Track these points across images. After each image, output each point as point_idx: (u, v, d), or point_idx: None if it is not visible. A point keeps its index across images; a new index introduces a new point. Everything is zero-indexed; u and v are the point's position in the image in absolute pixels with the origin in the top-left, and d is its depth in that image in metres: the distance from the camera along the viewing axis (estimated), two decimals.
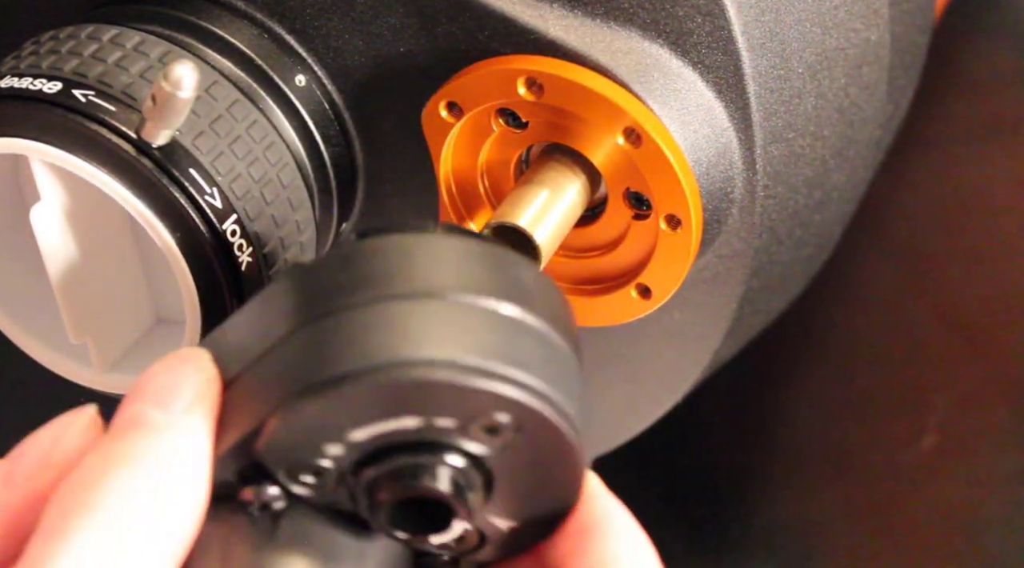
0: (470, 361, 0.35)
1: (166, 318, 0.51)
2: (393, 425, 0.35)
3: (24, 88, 0.46)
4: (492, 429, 0.35)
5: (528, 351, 0.36)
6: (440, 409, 0.35)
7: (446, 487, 0.35)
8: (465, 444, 0.35)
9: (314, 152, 0.50)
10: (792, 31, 0.49)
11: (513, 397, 0.35)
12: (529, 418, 0.35)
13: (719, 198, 0.48)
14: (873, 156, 0.57)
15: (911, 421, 0.67)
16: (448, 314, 0.35)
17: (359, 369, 0.35)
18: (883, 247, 0.71)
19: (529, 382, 0.35)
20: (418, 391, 0.35)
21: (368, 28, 0.49)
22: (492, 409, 0.35)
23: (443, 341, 0.35)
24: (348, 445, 0.35)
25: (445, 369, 0.35)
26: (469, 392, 0.35)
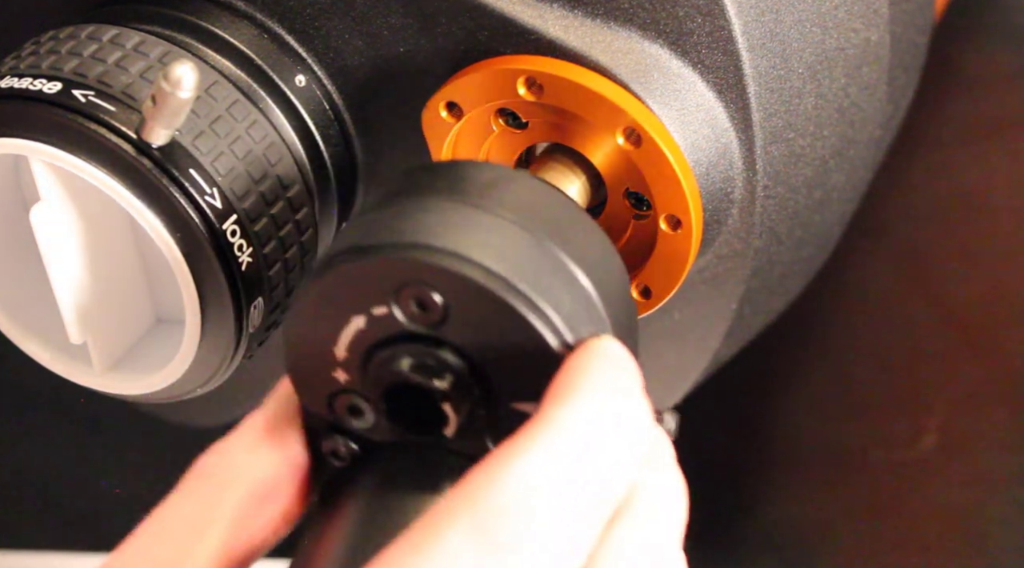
0: (374, 240, 0.37)
1: (166, 318, 0.51)
2: (358, 322, 0.37)
3: (24, 88, 0.46)
4: (422, 302, 0.37)
5: (485, 239, 0.37)
6: (374, 294, 0.37)
7: (408, 370, 0.37)
8: (419, 329, 0.37)
9: (314, 152, 0.50)
10: (792, 31, 0.49)
11: (417, 259, 0.36)
12: (447, 282, 0.36)
13: (719, 198, 0.48)
14: (873, 156, 0.57)
15: (911, 421, 0.67)
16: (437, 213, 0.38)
17: (318, 266, 0.38)
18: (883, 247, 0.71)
19: (440, 245, 0.36)
20: (354, 278, 0.37)
21: (368, 28, 0.49)
22: (409, 279, 0.37)
23: (393, 231, 0.37)
24: (345, 355, 0.38)
25: (355, 253, 0.37)
26: (382, 266, 0.37)
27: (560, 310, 0.37)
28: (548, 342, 0.37)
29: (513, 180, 0.39)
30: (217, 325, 0.47)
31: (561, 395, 0.35)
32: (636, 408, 0.36)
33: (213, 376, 0.49)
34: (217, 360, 0.48)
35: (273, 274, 0.48)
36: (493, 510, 0.33)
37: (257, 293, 0.47)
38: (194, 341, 0.47)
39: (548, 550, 0.33)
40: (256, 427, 0.39)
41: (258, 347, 0.49)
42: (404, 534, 0.34)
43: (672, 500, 0.37)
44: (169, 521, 0.37)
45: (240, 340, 0.48)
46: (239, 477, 0.38)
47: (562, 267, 0.38)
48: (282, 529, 0.39)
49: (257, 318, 0.48)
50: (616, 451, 0.35)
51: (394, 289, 0.37)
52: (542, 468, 0.34)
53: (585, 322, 0.37)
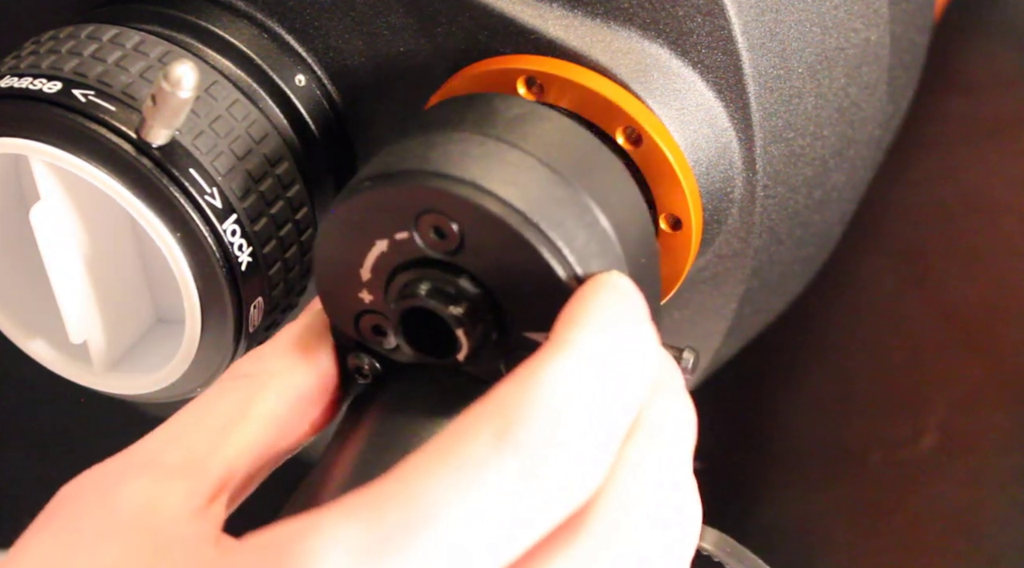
0: (398, 167, 0.38)
1: (166, 318, 0.51)
2: (381, 246, 0.38)
3: (24, 88, 0.46)
4: (439, 230, 0.38)
5: (504, 173, 0.38)
6: (396, 219, 0.38)
7: (424, 295, 0.38)
8: (436, 255, 0.38)
9: (314, 152, 0.50)
10: (792, 31, 0.49)
11: (435, 187, 0.37)
12: (464, 211, 0.37)
13: (719, 198, 0.48)
14: (873, 156, 0.57)
15: (911, 421, 0.67)
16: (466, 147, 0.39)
17: (346, 190, 0.39)
18: (883, 247, 0.71)
19: (459, 175, 0.38)
20: (377, 202, 0.38)
21: (368, 28, 0.49)
22: (429, 206, 0.38)
23: (419, 159, 0.38)
24: (370, 276, 0.39)
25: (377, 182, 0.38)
26: (403, 192, 0.38)
27: (573, 245, 0.38)
28: (558, 274, 0.37)
29: (541, 117, 0.40)
30: (217, 325, 0.47)
31: (572, 321, 0.36)
32: (643, 333, 0.37)
33: (213, 376, 0.49)
34: (217, 360, 0.48)
35: (273, 274, 0.48)
36: (519, 419, 0.34)
37: (257, 293, 0.47)
38: (194, 341, 0.47)
39: (572, 456, 0.34)
40: (291, 337, 0.41)
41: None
42: (430, 442, 0.35)
43: (683, 420, 0.38)
44: (204, 413, 0.39)
45: (240, 340, 0.48)
46: (273, 380, 0.40)
47: (580, 203, 0.38)
48: (309, 436, 0.40)
49: (257, 318, 0.48)
50: (628, 369, 0.36)
51: (414, 215, 0.38)
52: (562, 382, 0.35)
53: (598, 258, 0.38)
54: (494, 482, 0.34)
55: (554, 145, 0.40)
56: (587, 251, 0.38)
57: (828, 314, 0.70)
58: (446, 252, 0.38)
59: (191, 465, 0.37)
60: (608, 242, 0.38)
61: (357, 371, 0.41)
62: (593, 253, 0.38)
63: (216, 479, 0.38)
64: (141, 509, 0.36)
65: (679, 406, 0.38)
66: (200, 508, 0.37)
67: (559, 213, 0.38)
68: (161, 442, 0.38)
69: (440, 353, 0.39)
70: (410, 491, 0.33)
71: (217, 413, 0.39)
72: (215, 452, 0.38)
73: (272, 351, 0.40)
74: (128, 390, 0.50)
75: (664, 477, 0.37)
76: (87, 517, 0.36)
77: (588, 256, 0.38)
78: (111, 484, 0.37)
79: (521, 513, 0.34)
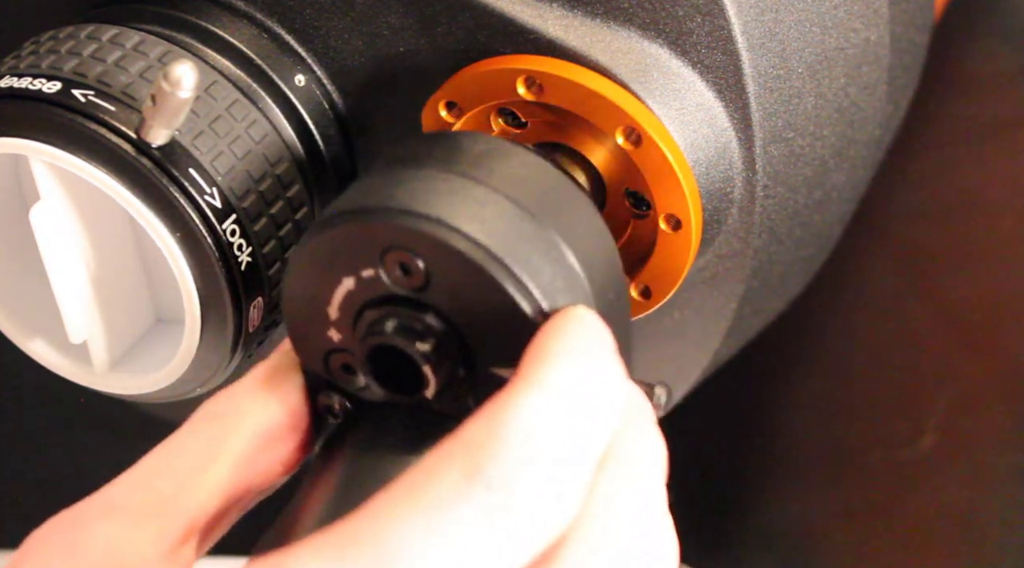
0: (363, 204, 0.38)
1: (166, 318, 0.51)
2: (348, 283, 0.38)
3: (24, 88, 0.46)
4: (405, 266, 0.38)
5: (467, 209, 0.38)
6: (362, 256, 0.38)
7: (390, 332, 0.38)
8: (402, 292, 0.38)
9: (314, 152, 0.50)
10: (792, 31, 0.49)
11: (401, 224, 0.37)
12: (429, 248, 0.37)
13: (719, 198, 0.48)
14: (873, 156, 0.57)
15: (911, 421, 0.67)
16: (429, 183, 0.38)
17: (312, 228, 0.39)
18: (883, 247, 0.71)
19: (424, 212, 0.37)
20: (343, 240, 0.38)
21: (368, 28, 0.49)
22: (394, 243, 0.37)
23: (381, 195, 0.38)
24: (338, 315, 0.39)
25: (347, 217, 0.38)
26: (368, 230, 0.38)
27: (539, 280, 0.38)
28: (524, 310, 0.37)
29: (506, 153, 0.40)
30: (217, 325, 0.47)
31: (538, 355, 0.36)
32: (610, 366, 0.37)
33: (213, 376, 0.49)
34: (217, 360, 0.48)
35: (272, 273, 0.48)
36: (487, 456, 0.34)
37: (257, 293, 0.47)
38: (194, 341, 0.47)
39: (543, 492, 0.34)
40: (260, 376, 0.40)
41: (258, 347, 0.49)
42: (398, 480, 0.34)
43: (654, 453, 0.38)
44: (173, 456, 0.38)
45: (240, 340, 0.48)
46: (244, 420, 0.39)
47: (546, 239, 0.38)
48: (281, 476, 0.40)
49: (257, 318, 0.48)
50: (595, 402, 0.36)
51: (380, 253, 0.38)
52: (529, 417, 0.35)
53: (564, 293, 0.38)
54: (464, 521, 0.33)
55: (520, 181, 0.39)
56: (553, 287, 0.38)
57: (828, 314, 0.70)
58: (412, 289, 0.38)
59: (160, 508, 0.37)
60: (575, 278, 0.38)
61: (328, 410, 0.41)
62: (560, 289, 0.38)
63: (185, 522, 0.37)
64: (110, 553, 0.36)
65: (649, 439, 0.38)
66: (169, 551, 0.37)
67: (525, 249, 0.38)
68: (130, 485, 0.38)
69: (408, 390, 0.39)
70: (379, 530, 0.33)
71: (186, 455, 0.38)
72: (184, 494, 0.38)
73: (243, 391, 0.40)
74: (128, 390, 0.50)
75: (637, 510, 0.37)
76: (56, 562, 0.36)
77: (554, 292, 0.38)
78: (80, 528, 0.37)
79: (491, 551, 0.34)
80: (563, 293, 0.38)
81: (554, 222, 0.39)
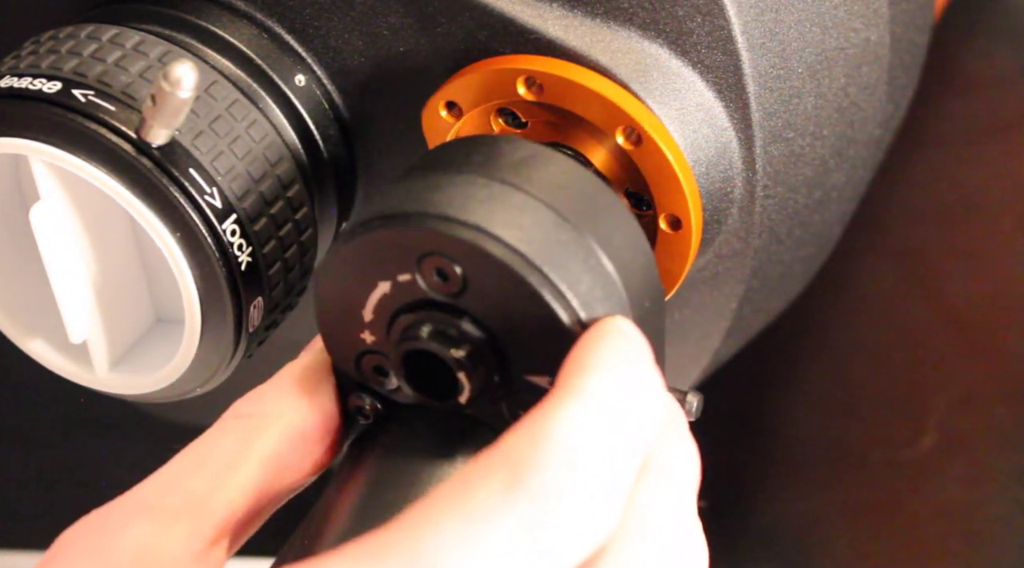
0: (402, 209, 0.38)
1: (166, 318, 0.51)
2: (384, 287, 0.38)
3: (24, 88, 0.46)
4: (442, 272, 0.38)
5: (507, 215, 0.38)
6: (399, 261, 0.38)
7: (426, 337, 0.38)
8: (439, 297, 0.38)
9: (314, 152, 0.50)
10: (792, 31, 0.49)
11: (439, 231, 0.37)
12: (467, 254, 0.37)
13: (719, 198, 0.48)
14: (873, 156, 0.57)
15: (911, 421, 0.67)
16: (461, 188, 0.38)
17: (349, 229, 0.39)
18: (883, 247, 0.71)
19: (463, 218, 0.37)
20: (381, 244, 0.38)
21: (368, 28, 0.49)
22: (431, 249, 0.37)
23: (418, 201, 0.38)
24: (372, 318, 0.39)
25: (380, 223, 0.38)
26: (406, 235, 0.37)
27: (576, 289, 0.37)
28: (562, 319, 0.37)
29: (546, 159, 0.40)
30: (217, 325, 0.47)
31: (579, 366, 0.36)
32: (650, 377, 0.37)
33: (213, 376, 0.49)
34: (217, 360, 0.48)
35: (272, 274, 0.48)
36: (530, 466, 0.34)
37: (257, 293, 0.47)
38: (194, 341, 0.47)
39: (585, 503, 0.34)
40: (291, 376, 0.40)
41: (258, 347, 0.49)
42: (436, 489, 0.34)
43: (688, 462, 0.38)
44: (204, 456, 0.38)
45: (240, 340, 0.48)
46: (274, 420, 0.39)
47: (584, 247, 0.38)
48: (310, 475, 0.40)
49: (257, 318, 0.48)
50: (636, 413, 0.36)
51: (417, 257, 0.38)
52: (572, 428, 0.35)
53: (602, 302, 0.38)
54: (504, 531, 0.33)
55: (559, 188, 0.39)
56: (591, 295, 0.38)
57: (828, 314, 0.70)
58: (449, 294, 0.38)
59: (191, 508, 0.37)
60: (612, 286, 0.38)
61: (358, 411, 0.41)
62: (597, 297, 0.38)
63: (217, 522, 0.37)
64: (141, 554, 0.36)
65: (684, 448, 0.38)
66: (201, 552, 0.37)
67: (563, 257, 0.38)
68: (161, 485, 0.38)
69: (442, 395, 0.39)
70: (416, 541, 0.33)
71: (217, 454, 0.38)
72: (216, 494, 0.38)
73: (273, 390, 0.40)
74: (128, 390, 0.50)
75: (673, 519, 0.37)
76: (87, 563, 0.36)
77: (592, 300, 0.38)
78: (111, 529, 0.36)
79: (531, 562, 0.33)
80: (601, 302, 0.38)
81: (592, 230, 0.39)
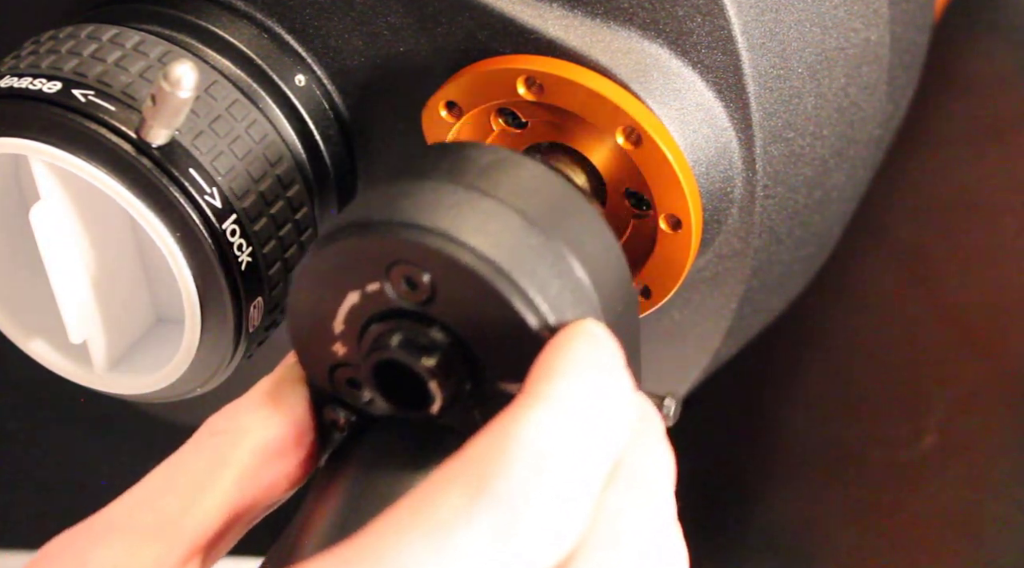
0: (369, 218, 0.37)
1: (166, 318, 0.51)
2: (353, 297, 0.38)
3: (24, 88, 0.46)
4: (410, 280, 0.37)
5: (470, 219, 0.37)
6: (367, 270, 0.37)
7: (395, 347, 0.38)
8: (408, 306, 0.37)
9: (314, 152, 0.50)
10: (792, 31, 0.49)
11: (405, 238, 0.37)
12: (435, 262, 0.37)
13: (719, 198, 0.48)
14: (873, 156, 0.57)
15: (911, 421, 0.67)
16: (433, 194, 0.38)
17: (317, 241, 0.38)
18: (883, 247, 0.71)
19: (430, 225, 0.37)
20: (348, 254, 0.37)
21: (368, 28, 0.49)
22: (399, 257, 0.37)
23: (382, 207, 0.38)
24: (343, 329, 0.38)
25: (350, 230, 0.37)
26: (373, 243, 0.37)
27: (546, 293, 0.37)
28: (531, 324, 0.37)
29: (514, 164, 0.40)
30: (217, 325, 0.47)
31: (545, 372, 0.36)
32: (619, 381, 0.36)
33: (213, 376, 0.49)
34: (217, 360, 0.48)
35: (273, 273, 0.48)
36: (493, 474, 0.34)
37: (257, 293, 0.47)
38: (194, 341, 0.47)
39: (551, 510, 0.34)
40: (264, 391, 0.40)
41: (258, 347, 0.49)
42: (402, 499, 0.34)
43: (662, 466, 0.38)
44: (176, 473, 0.38)
45: (240, 340, 0.48)
46: (247, 436, 0.39)
47: (554, 252, 0.38)
48: (286, 490, 0.40)
49: (257, 318, 0.48)
50: (604, 418, 0.35)
51: (386, 266, 0.37)
52: (536, 434, 0.34)
53: (572, 307, 0.38)
54: (470, 539, 0.33)
55: (528, 193, 0.39)
56: (561, 300, 0.37)
57: (828, 314, 0.70)
58: (418, 303, 0.38)
59: (163, 528, 0.37)
60: (583, 291, 0.38)
61: (333, 425, 0.40)
62: (567, 302, 0.37)
63: (189, 541, 0.37)
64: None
65: (659, 452, 0.38)
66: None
67: (532, 262, 0.37)
68: (132, 505, 0.38)
69: (414, 405, 0.39)
70: (382, 552, 0.33)
71: (190, 472, 0.38)
72: (188, 513, 0.37)
73: (246, 405, 0.40)
74: (128, 390, 0.50)
75: (645, 525, 0.36)
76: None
77: (562, 305, 0.37)
78: (84, 547, 0.37)
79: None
80: (571, 307, 0.38)
81: (562, 234, 0.38)
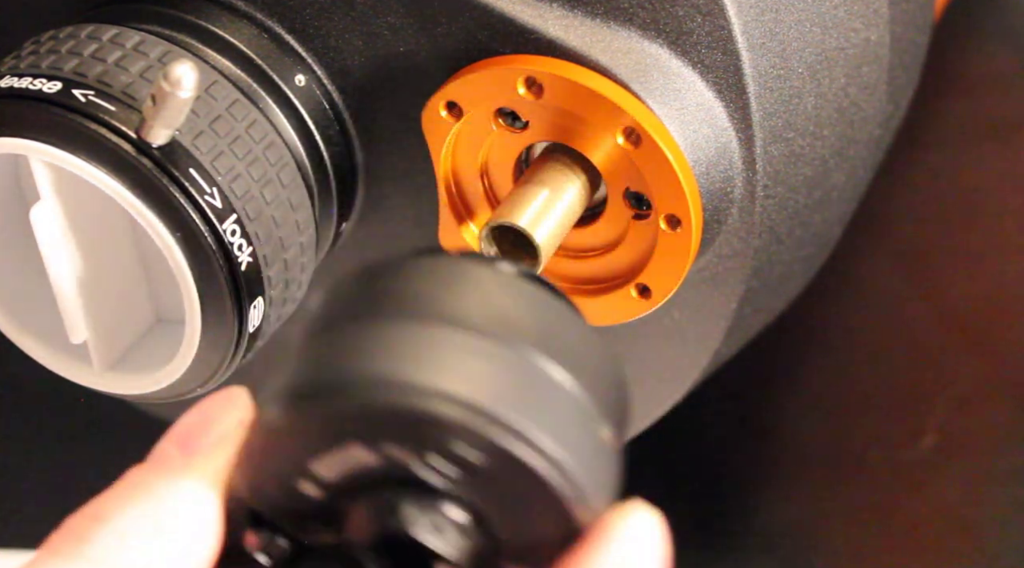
0: (412, 379, 0.32)
1: (166, 318, 0.51)
2: (350, 457, 0.33)
3: (24, 88, 0.46)
4: (450, 456, 0.32)
5: (506, 383, 0.33)
6: (385, 435, 0.32)
7: (413, 525, 0.33)
8: (427, 476, 0.33)
9: (314, 152, 0.50)
10: (792, 31, 0.49)
11: (451, 417, 0.32)
12: (483, 445, 0.32)
13: (719, 198, 0.48)
14: (873, 156, 0.57)
15: (911, 421, 0.67)
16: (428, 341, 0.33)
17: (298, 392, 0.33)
18: (883, 247, 0.71)
19: (475, 402, 0.32)
20: (354, 415, 0.32)
21: (368, 28, 0.49)
22: (436, 433, 0.32)
23: (391, 361, 0.32)
24: (318, 482, 0.33)
25: (365, 389, 0.32)
26: (399, 414, 0.32)
27: (595, 485, 0.33)
28: (578, 518, 0.33)
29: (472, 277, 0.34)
30: (217, 325, 0.47)
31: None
32: None
33: (213, 376, 0.49)
34: (217, 360, 0.48)
35: (273, 274, 0.48)
36: None
37: (257, 293, 0.47)
38: (194, 341, 0.47)
39: None
40: (156, 500, 0.33)
41: (258, 347, 0.49)
42: None
43: None
44: None
45: (240, 340, 0.48)
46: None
47: (593, 431, 0.34)
48: None
49: (257, 318, 0.48)
50: None
51: (417, 442, 0.32)
52: None
53: (604, 488, 0.34)
54: None
55: (507, 322, 0.33)
56: (581, 462, 0.33)
57: (828, 314, 0.70)
58: (446, 478, 0.33)
59: None
60: (590, 419, 0.33)
61: (260, 550, 0.34)
62: (602, 480, 0.33)
63: None
64: None
65: None
66: None
67: (586, 454, 0.33)
68: None
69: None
70: None
71: None
72: None
73: (131, 525, 0.33)
74: (128, 390, 0.50)
75: None
76: None
77: (599, 487, 0.33)
78: None
79: None
80: (604, 488, 0.33)
81: (560, 361, 0.33)
